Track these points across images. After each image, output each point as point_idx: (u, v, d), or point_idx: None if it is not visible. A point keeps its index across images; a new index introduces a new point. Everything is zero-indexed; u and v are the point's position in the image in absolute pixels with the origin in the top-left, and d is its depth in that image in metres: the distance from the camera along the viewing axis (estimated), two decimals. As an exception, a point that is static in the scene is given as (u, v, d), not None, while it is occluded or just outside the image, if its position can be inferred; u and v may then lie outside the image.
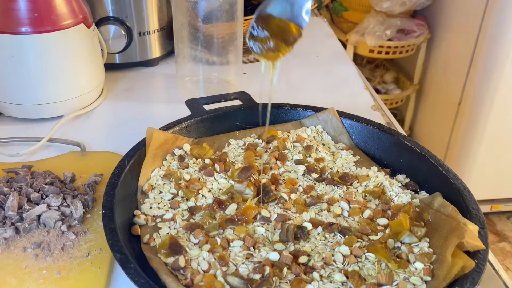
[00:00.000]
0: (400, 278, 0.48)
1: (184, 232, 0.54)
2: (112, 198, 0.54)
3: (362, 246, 0.52)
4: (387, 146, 0.68)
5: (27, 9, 0.72)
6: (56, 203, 0.58)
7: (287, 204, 0.58)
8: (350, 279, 0.48)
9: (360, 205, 0.58)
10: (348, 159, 0.67)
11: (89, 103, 0.84)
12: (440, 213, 0.55)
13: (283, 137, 0.70)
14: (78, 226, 0.57)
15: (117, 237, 0.49)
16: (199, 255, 0.50)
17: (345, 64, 1.08)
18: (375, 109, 0.89)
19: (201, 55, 0.85)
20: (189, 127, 0.68)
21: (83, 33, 0.79)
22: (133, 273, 0.45)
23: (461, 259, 0.48)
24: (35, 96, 0.77)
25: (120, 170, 0.58)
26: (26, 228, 0.55)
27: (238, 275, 0.48)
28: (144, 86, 0.95)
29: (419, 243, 0.52)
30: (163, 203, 0.58)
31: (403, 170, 0.65)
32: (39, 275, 0.51)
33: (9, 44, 0.73)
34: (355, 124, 0.71)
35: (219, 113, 0.71)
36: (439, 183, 0.60)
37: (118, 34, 0.93)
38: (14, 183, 0.61)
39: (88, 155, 0.71)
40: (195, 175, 0.62)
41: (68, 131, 0.79)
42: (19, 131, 0.78)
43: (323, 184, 0.62)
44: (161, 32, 0.98)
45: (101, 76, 0.86)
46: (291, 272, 0.49)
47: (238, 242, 0.52)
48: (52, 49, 0.75)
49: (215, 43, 0.84)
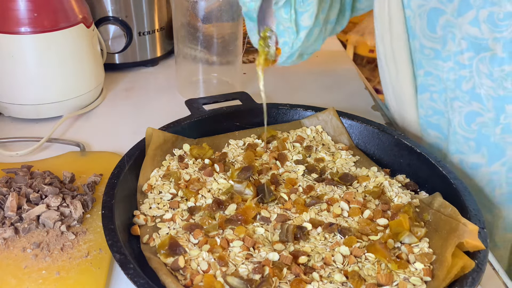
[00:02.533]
0: (400, 278, 0.48)
1: (184, 232, 0.54)
2: (112, 199, 0.53)
3: (362, 246, 0.52)
4: (387, 146, 0.68)
5: (26, 9, 0.72)
6: (55, 203, 0.58)
7: (286, 204, 0.58)
8: (350, 279, 0.48)
9: (360, 205, 0.58)
10: (348, 159, 0.67)
11: (88, 103, 0.84)
12: (440, 213, 0.55)
13: (283, 137, 0.70)
14: (77, 226, 0.57)
15: (116, 238, 0.49)
16: (198, 256, 0.50)
17: (345, 64, 1.08)
18: (375, 109, 0.89)
19: (201, 55, 0.85)
20: (189, 127, 0.68)
21: (83, 33, 0.79)
22: (132, 273, 0.45)
23: (461, 259, 0.48)
24: (35, 96, 0.77)
25: (120, 170, 0.58)
26: (25, 228, 0.55)
27: (238, 276, 0.48)
28: (144, 86, 0.94)
29: (419, 243, 0.52)
30: (162, 203, 0.58)
31: (403, 170, 0.65)
32: (38, 275, 0.51)
33: (9, 44, 0.73)
34: (355, 124, 0.71)
35: (219, 113, 0.71)
36: (439, 183, 0.60)
37: (118, 34, 0.93)
38: (14, 183, 0.61)
39: (88, 155, 0.71)
40: (195, 175, 0.62)
41: (68, 131, 0.79)
42: (18, 131, 0.77)
43: (323, 184, 0.62)
44: (161, 32, 0.98)
45: (100, 76, 0.86)
46: (290, 272, 0.49)
47: (238, 243, 0.52)
48: (52, 49, 0.75)
49: (215, 43, 0.84)
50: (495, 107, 0.62)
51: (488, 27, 0.59)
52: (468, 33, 0.60)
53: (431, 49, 0.66)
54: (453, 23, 0.62)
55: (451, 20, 0.62)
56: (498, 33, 0.58)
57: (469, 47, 0.61)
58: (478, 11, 0.59)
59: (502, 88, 0.60)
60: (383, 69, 0.74)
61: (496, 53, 0.59)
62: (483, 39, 0.60)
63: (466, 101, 0.64)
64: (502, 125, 0.62)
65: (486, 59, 0.60)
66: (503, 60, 0.59)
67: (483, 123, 0.64)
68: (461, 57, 0.63)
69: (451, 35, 0.62)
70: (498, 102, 0.61)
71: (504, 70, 0.60)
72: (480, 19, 0.59)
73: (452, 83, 0.65)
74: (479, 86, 0.62)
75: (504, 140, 0.63)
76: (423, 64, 0.68)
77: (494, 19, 0.58)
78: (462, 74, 0.63)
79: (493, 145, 0.64)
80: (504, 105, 0.61)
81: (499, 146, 0.64)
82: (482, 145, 0.65)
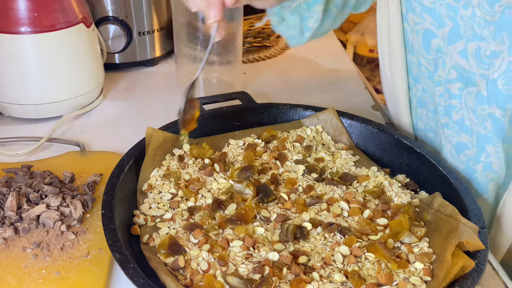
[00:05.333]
0: (400, 278, 0.48)
1: (184, 232, 0.54)
2: (112, 198, 0.53)
3: (362, 246, 0.52)
4: (387, 146, 0.68)
5: (26, 9, 0.72)
6: (55, 203, 0.58)
7: (286, 204, 0.58)
8: (349, 279, 0.48)
9: (360, 205, 0.58)
10: (347, 159, 0.67)
11: (88, 103, 0.84)
12: (440, 213, 0.55)
13: (283, 137, 0.70)
14: (77, 226, 0.57)
15: (116, 237, 0.49)
16: (198, 255, 0.50)
17: (345, 64, 1.08)
18: (375, 109, 0.88)
19: (201, 55, 0.85)
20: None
21: (83, 33, 0.79)
22: (132, 273, 0.45)
23: (461, 259, 0.48)
24: (35, 96, 0.77)
25: (120, 170, 0.58)
26: (25, 228, 0.55)
27: (238, 275, 0.48)
28: (144, 86, 0.94)
29: (419, 243, 0.52)
30: (162, 203, 0.58)
31: (403, 170, 0.65)
32: (38, 275, 0.51)
33: (9, 44, 0.73)
34: (355, 124, 0.71)
35: (219, 113, 0.71)
36: (439, 183, 0.60)
37: (118, 34, 0.93)
38: (14, 183, 0.61)
39: (88, 155, 0.71)
40: (195, 175, 0.62)
41: (68, 131, 0.79)
42: (18, 131, 0.77)
43: (323, 184, 0.62)
44: (160, 32, 0.98)
45: (100, 76, 0.86)
46: (290, 272, 0.49)
47: (238, 242, 0.52)
48: (52, 49, 0.75)
49: (215, 43, 0.84)
50: (478, 144, 0.60)
51: (476, 62, 0.56)
52: (458, 63, 0.58)
53: (426, 68, 0.65)
54: (444, 49, 0.60)
55: (442, 46, 0.60)
56: (484, 70, 0.56)
57: (458, 77, 0.59)
58: (467, 43, 0.57)
59: (483, 127, 0.59)
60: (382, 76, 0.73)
61: (480, 90, 0.57)
62: (471, 73, 0.57)
63: (456, 131, 0.62)
64: (483, 163, 0.61)
65: (473, 94, 0.58)
66: (485, 99, 0.57)
67: (470, 156, 0.62)
68: (451, 86, 0.61)
69: (442, 61, 0.61)
70: (480, 140, 0.60)
71: (485, 109, 0.58)
72: (469, 52, 0.57)
73: (442, 109, 0.63)
74: (467, 119, 0.60)
75: (486, 177, 0.62)
76: (420, 80, 0.67)
77: (481, 55, 0.56)
78: (452, 103, 0.61)
79: (476, 181, 0.63)
80: (484, 144, 0.60)
81: (481, 183, 0.62)
82: (469, 177, 0.64)
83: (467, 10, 0.55)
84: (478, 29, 0.55)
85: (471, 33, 0.56)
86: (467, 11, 0.55)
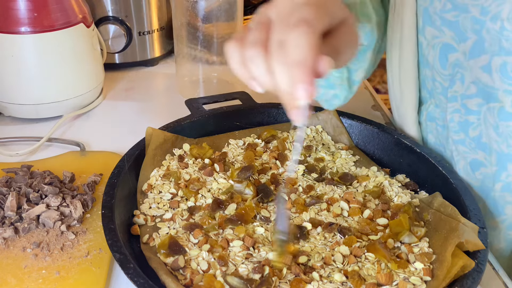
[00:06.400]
0: (400, 278, 0.48)
1: (184, 232, 0.54)
2: (112, 198, 0.53)
3: (362, 246, 0.52)
4: (387, 146, 0.68)
5: (26, 9, 0.72)
6: (55, 203, 0.58)
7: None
8: (349, 279, 0.48)
9: (360, 205, 0.58)
10: (347, 159, 0.67)
11: (88, 103, 0.84)
12: (440, 213, 0.55)
13: (283, 137, 0.70)
14: (77, 226, 0.57)
15: (116, 237, 0.49)
16: (198, 255, 0.50)
17: (345, 64, 1.08)
18: (375, 109, 0.88)
19: (201, 55, 0.85)
20: (189, 127, 0.68)
21: (83, 33, 0.79)
22: (132, 273, 0.45)
23: (461, 259, 0.48)
24: (35, 96, 0.77)
25: (120, 170, 0.58)
26: (25, 228, 0.55)
27: (238, 275, 0.48)
28: (144, 86, 0.94)
29: (419, 243, 0.52)
30: (162, 203, 0.58)
31: (403, 170, 0.65)
32: (38, 275, 0.51)
33: (9, 44, 0.73)
34: (355, 123, 0.71)
35: (218, 113, 0.71)
36: (439, 183, 0.60)
37: (118, 34, 0.93)
38: (13, 183, 0.61)
39: (88, 155, 0.71)
40: (195, 175, 0.62)
41: (68, 131, 0.79)
42: (18, 131, 0.77)
43: (323, 184, 0.62)
44: (160, 32, 0.98)
45: (100, 76, 0.86)
46: (290, 272, 0.49)
47: (238, 242, 0.52)
48: (52, 49, 0.75)
49: (215, 42, 0.84)
50: (498, 162, 0.57)
51: (500, 77, 0.53)
52: (479, 78, 0.55)
53: (440, 83, 0.62)
54: (464, 64, 0.57)
55: (461, 60, 0.57)
56: (509, 86, 0.53)
57: (478, 93, 0.56)
58: (492, 57, 0.53)
59: (507, 145, 0.56)
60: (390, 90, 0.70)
61: (504, 106, 0.54)
62: (493, 88, 0.54)
63: (472, 148, 0.59)
64: (503, 183, 0.58)
65: (495, 110, 0.55)
66: (510, 115, 0.54)
67: (487, 174, 0.59)
68: (469, 101, 0.58)
69: (460, 75, 0.58)
70: (501, 158, 0.57)
71: (509, 126, 0.55)
72: (493, 67, 0.54)
73: (456, 125, 0.60)
74: (486, 136, 0.57)
75: (504, 199, 0.59)
76: (433, 94, 0.64)
77: (507, 70, 0.53)
78: (469, 119, 0.58)
79: (492, 201, 0.60)
80: (507, 163, 0.57)
81: (498, 204, 0.60)
82: (484, 196, 0.61)
83: (496, 23, 0.52)
84: (506, 43, 0.52)
85: (498, 47, 0.53)
86: (496, 24, 0.52)
